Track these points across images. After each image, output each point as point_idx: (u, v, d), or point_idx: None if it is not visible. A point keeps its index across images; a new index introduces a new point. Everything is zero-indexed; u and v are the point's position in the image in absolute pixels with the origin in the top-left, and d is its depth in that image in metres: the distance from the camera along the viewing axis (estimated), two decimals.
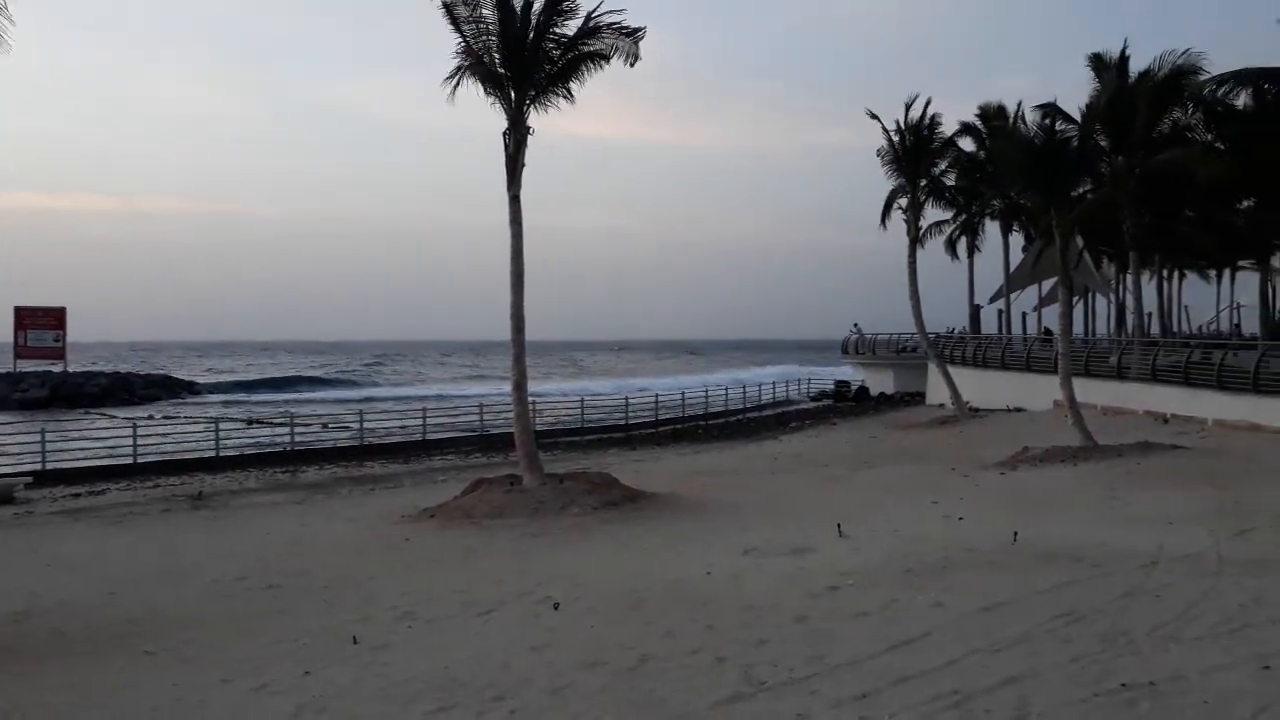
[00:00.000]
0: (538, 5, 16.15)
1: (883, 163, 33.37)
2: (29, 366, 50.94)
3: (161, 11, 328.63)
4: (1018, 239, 41.04)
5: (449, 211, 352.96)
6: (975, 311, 44.03)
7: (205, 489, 19.88)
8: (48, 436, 22.91)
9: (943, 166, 35.20)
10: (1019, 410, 31.69)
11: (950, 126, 35.54)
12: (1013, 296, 41.71)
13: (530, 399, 18.62)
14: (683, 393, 40.94)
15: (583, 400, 35.02)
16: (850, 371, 51.04)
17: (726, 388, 43.68)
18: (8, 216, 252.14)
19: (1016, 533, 11.12)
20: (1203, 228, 34.52)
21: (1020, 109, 32.83)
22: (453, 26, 16.23)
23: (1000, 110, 38.17)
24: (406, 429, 30.48)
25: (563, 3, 16.20)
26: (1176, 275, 44.61)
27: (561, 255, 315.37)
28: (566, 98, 16.74)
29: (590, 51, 16.57)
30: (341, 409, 44.52)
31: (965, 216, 40.86)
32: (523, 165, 16.53)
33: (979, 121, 38.40)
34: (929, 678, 6.41)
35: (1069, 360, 22.60)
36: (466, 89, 16.61)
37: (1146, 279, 34.44)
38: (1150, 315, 35.38)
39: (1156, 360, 27.13)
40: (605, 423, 34.26)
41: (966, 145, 37.57)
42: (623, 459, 24.42)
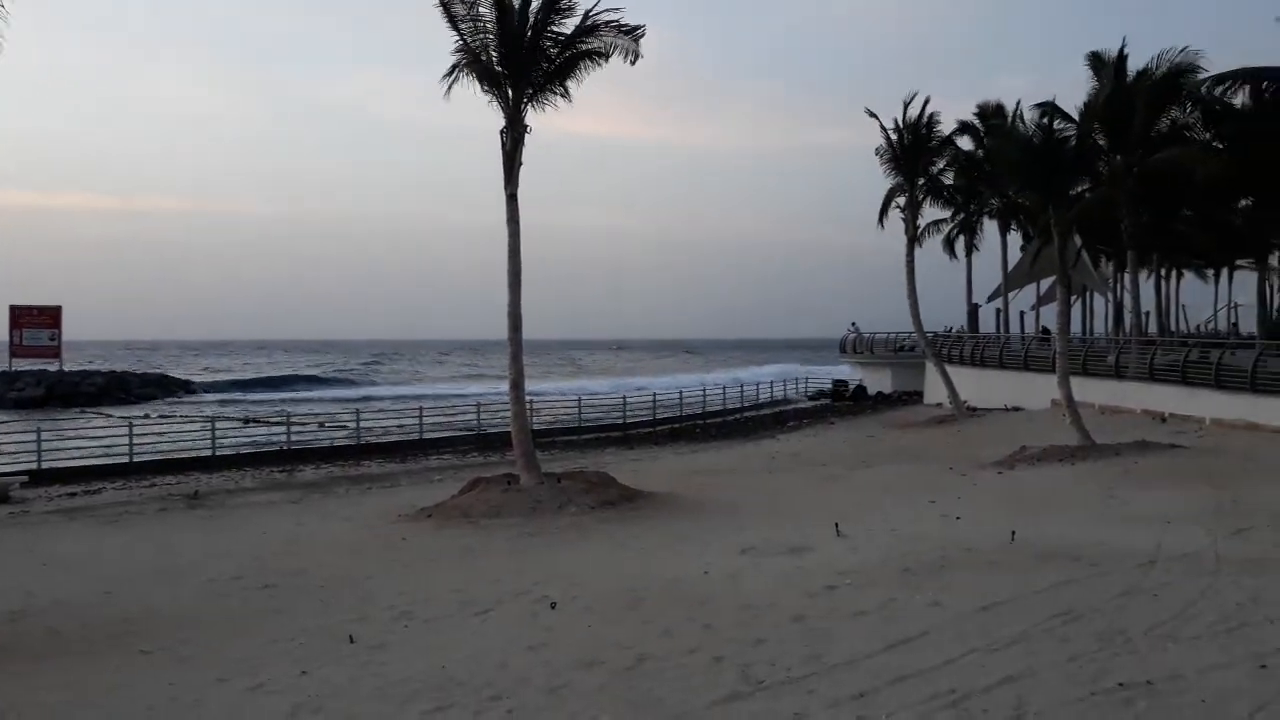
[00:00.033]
0: (535, 3, 16.14)
1: (881, 162, 33.46)
2: (25, 365, 50.84)
3: (161, 11, 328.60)
4: (1016, 238, 41.12)
5: (449, 211, 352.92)
6: (973, 310, 44.06)
7: (201, 488, 19.85)
8: (43, 435, 22.83)
9: (941, 165, 35.29)
10: (1017, 409, 31.71)
11: (950, 126, 35.71)
12: (1011, 295, 41.73)
13: (528, 398, 18.61)
14: (680, 392, 40.92)
15: (580, 399, 34.98)
16: (848, 371, 50.95)
17: (724, 387, 43.67)
18: (5, 215, 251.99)
19: (1014, 532, 11.12)
20: (1201, 227, 34.55)
21: (1019, 108, 32.83)
22: (450, 24, 16.22)
23: (998, 109, 38.16)
24: (403, 428, 30.47)
25: (560, 1, 16.17)
26: (1174, 274, 44.67)
27: (560, 254, 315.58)
28: (564, 96, 16.73)
29: (588, 50, 16.55)
30: (338, 408, 44.55)
31: (963, 215, 40.91)
32: (520, 164, 16.52)
33: (977, 120, 38.42)
34: (926, 677, 6.40)
35: (1067, 359, 22.61)
36: (464, 88, 16.63)
37: (1144, 278, 34.47)
38: (1148, 314, 35.37)
39: (1154, 359, 27.16)
40: (603, 422, 34.24)
41: (965, 144, 37.65)
42: (620, 458, 24.42)
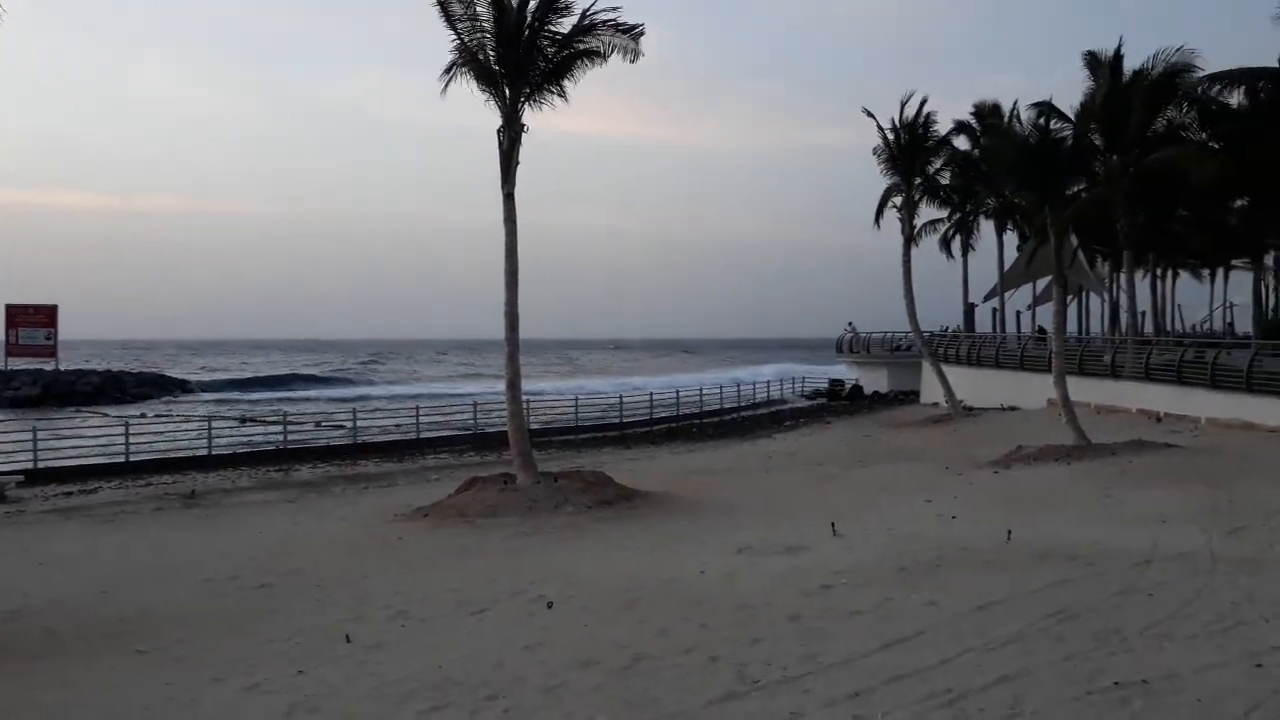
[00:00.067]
0: (533, 3, 16.11)
1: (878, 161, 33.48)
2: (20, 364, 50.78)
3: (161, 11, 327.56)
4: (1012, 238, 41.23)
5: (449, 211, 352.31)
6: (969, 310, 44.14)
7: (198, 487, 19.83)
8: (39, 435, 22.78)
9: (938, 165, 35.29)
10: (1013, 409, 31.75)
11: (949, 125, 35.76)
12: (1007, 295, 41.81)
13: (525, 397, 18.61)
14: (677, 391, 40.86)
15: (577, 399, 34.97)
16: (845, 370, 50.95)
17: (721, 386, 43.63)
18: (5, 214, 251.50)
19: (1010, 531, 11.14)
20: (1196, 227, 34.62)
21: (1015, 108, 33.00)
22: (447, 24, 16.19)
23: (995, 109, 38.28)
24: (400, 427, 30.42)
25: (558, 0, 16.16)
26: (1170, 274, 44.77)
27: (559, 254, 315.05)
28: (561, 96, 16.72)
29: (586, 49, 16.54)
30: (335, 407, 44.51)
31: (960, 215, 40.97)
32: (517, 163, 16.51)
33: (974, 120, 38.50)
34: (922, 676, 6.41)
35: (1063, 359, 22.64)
36: (462, 87, 16.62)
37: (1140, 278, 34.59)
38: (1144, 314, 35.44)
39: (1150, 359, 27.20)
40: (600, 421, 34.23)
41: (962, 144, 37.72)
42: (617, 458, 24.43)
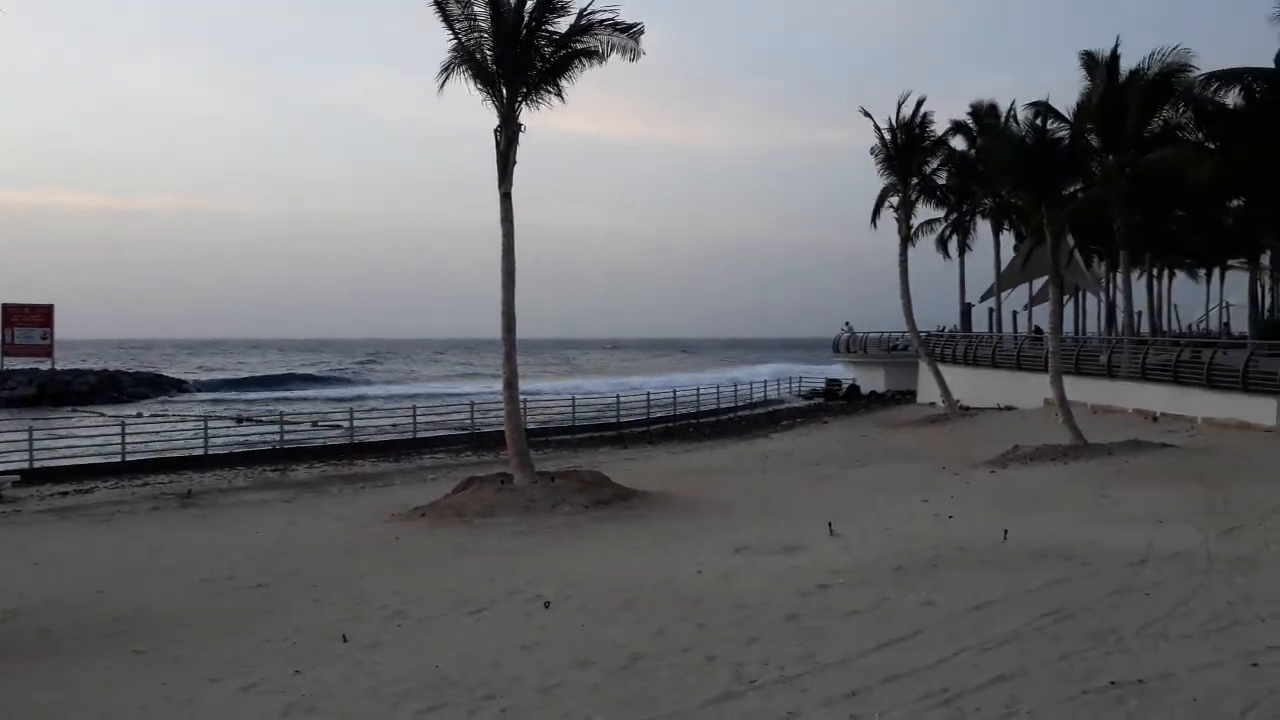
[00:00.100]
0: (530, 2, 16.10)
1: (876, 161, 33.49)
2: (16, 364, 50.68)
3: (161, 11, 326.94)
4: (1008, 238, 41.18)
5: (448, 211, 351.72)
6: (966, 310, 44.19)
7: (194, 487, 19.81)
8: (35, 434, 22.75)
9: (934, 165, 35.29)
10: (1009, 409, 31.79)
11: (946, 125, 35.75)
12: (1003, 295, 41.85)
13: (522, 397, 18.60)
14: (674, 391, 40.87)
15: (574, 399, 34.98)
16: (842, 370, 50.98)
17: (718, 386, 43.63)
18: (4, 214, 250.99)
19: (1007, 531, 11.15)
20: (1193, 227, 34.67)
21: (1012, 108, 32.99)
22: (444, 23, 16.19)
23: (992, 109, 38.31)
24: (397, 427, 30.39)
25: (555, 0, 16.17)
26: (1166, 274, 44.83)
27: (559, 254, 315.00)
28: (558, 95, 16.72)
29: (583, 49, 16.53)
30: (332, 407, 44.46)
31: (956, 215, 40.98)
32: (514, 162, 16.51)
33: (971, 120, 38.52)
34: (919, 676, 6.42)
35: (1059, 359, 22.67)
36: (461, 87, 16.61)
37: (1136, 278, 34.61)
38: (1140, 314, 35.56)
39: (1146, 359, 27.23)
40: (597, 421, 34.23)
41: (958, 144, 37.71)
42: (614, 457, 24.43)
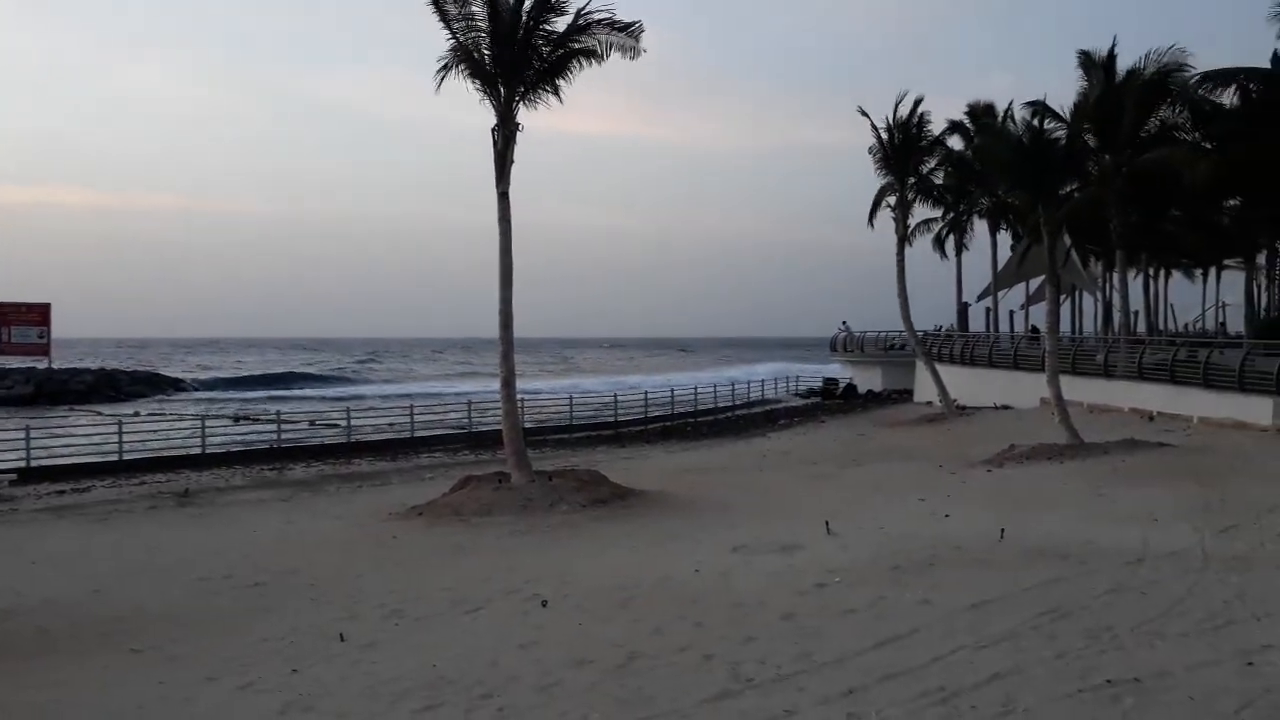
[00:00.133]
0: (528, 2, 16.10)
1: (873, 161, 33.50)
2: (13, 363, 50.58)
3: (161, 10, 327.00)
4: (1005, 237, 41.29)
5: (448, 211, 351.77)
6: (963, 309, 44.21)
7: (191, 486, 19.78)
8: (32, 433, 22.70)
9: (931, 165, 35.32)
10: (1006, 408, 31.81)
11: (944, 125, 35.76)
12: (1000, 295, 41.90)
13: (519, 396, 18.59)
14: (672, 390, 40.83)
15: (572, 398, 34.97)
16: (839, 369, 50.99)
17: (716, 385, 43.64)
18: (4, 213, 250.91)
19: (1003, 530, 11.18)
20: (1189, 226, 34.73)
21: (1010, 108, 33.06)
22: (442, 22, 16.17)
23: (989, 109, 38.35)
24: (395, 426, 30.33)
25: None
26: (1163, 274, 44.86)
27: (559, 253, 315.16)
28: (555, 95, 16.70)
29: (581, 48, 16.52)
30: (329, 406, 44.42)
31: (953, 215, 41.01)
32: (511, 162, 16.50)
33: (968, 120, 38.54)
34: (916, 674, 6.44)
35: (1056, 358, 22.70)
36: (459, 86, 16.60)
37: (1133, 277, 34.67)
38: (1137, 314, 35.59)
39: (1143, 358, 27.27)
40: (594, 420, 34.20)
41: (955, 144, 37.71)
42: (612, 456, 24.42)
